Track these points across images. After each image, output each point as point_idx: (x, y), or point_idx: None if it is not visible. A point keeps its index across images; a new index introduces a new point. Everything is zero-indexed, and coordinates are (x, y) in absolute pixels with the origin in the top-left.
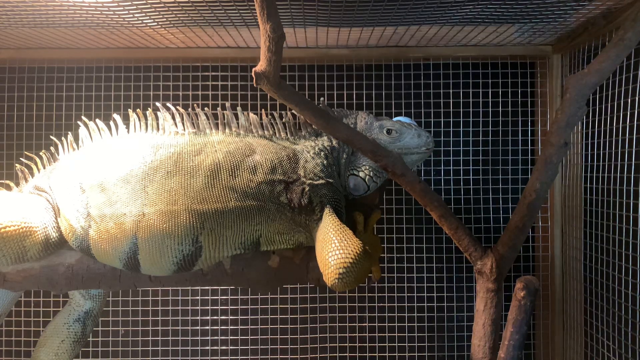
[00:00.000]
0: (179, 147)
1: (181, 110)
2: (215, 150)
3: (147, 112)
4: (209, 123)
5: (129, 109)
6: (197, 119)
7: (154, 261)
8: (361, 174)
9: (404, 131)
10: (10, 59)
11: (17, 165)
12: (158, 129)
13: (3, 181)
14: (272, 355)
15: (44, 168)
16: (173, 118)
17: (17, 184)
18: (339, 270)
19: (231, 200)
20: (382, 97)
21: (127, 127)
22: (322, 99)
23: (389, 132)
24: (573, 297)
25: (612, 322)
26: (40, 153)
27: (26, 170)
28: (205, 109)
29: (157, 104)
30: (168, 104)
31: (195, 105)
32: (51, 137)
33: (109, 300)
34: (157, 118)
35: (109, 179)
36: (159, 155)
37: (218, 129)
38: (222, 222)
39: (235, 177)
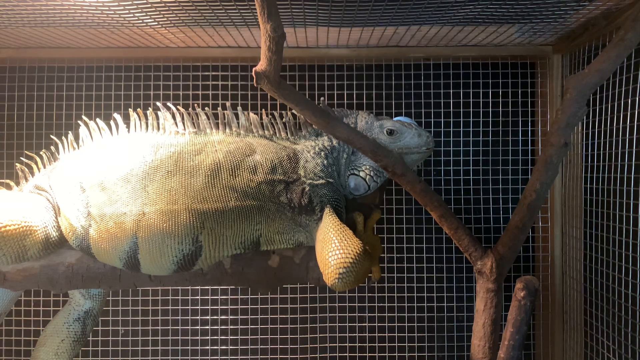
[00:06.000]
0: (180, 147)
1: (181, 109)
2: (216, 150)
3: (148, 112)
4: (209, 123)
5: (129, 109)
6: (198, 119)
7: (154, 260)
8: (362, 174)
9: (404, 131)
10: (10, 59)
11: (17, 164)
12: (158, 128)
13: (3, 180)
14: (272, 355)
15: (44, 167)
16: (173, 118)
17: (18, 184)
18: (339, 270)
19: (231, 199)
20: (382, 97)
21: (128, 127)
22: (322, 98)
23: (389, 132)
24: (573, 297)
25: (611, 323)
26: (41, 152)
27: (26, 169)
28: (206, 108)
29: (158, 103)
30: (168, 104)
31: (195, 105)
32: (51, 136)
33: (109, 300)
34: (157, 118)
35: (110, 178)
36: (160, 155)
37: (218, 128)
38: (222, 221)
39: (235, 177)
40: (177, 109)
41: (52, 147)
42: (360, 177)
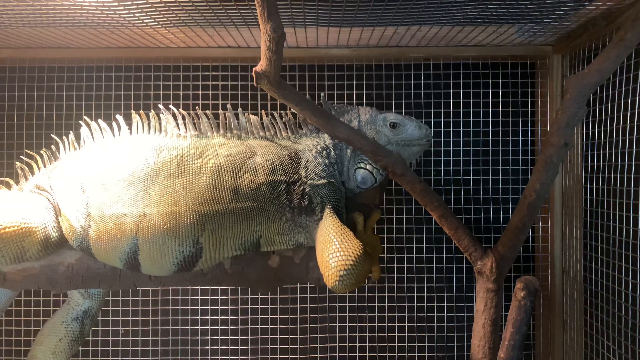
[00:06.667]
0: (182, 150)
1: (183, 112)
2: (217, 154)
3: (150, 114)
4: (211, 126)
5: (132, 110)
6: (199, 122)
7: (154, 262)
8: (368, 167)
9: (406, 123)
10: (10, 59)
11: (17, 162)
12: (160, 130)
13: (3, 179)
14: (272, 355)
15: (44, 166)
16: (175, 120)
17: (17, 182)
18: (339, 272)
19: (232, 201)
20: (382, 97)
21: (129, 128)
22: (322, 94)
23: (392, 124)
24: (573, 297)
25: (611, 323)
26: (41, 151)
27: (26, 168)
28: (207, 111)
29: (160, 105)
30: (170, 106)
31: (197, 107)
32: (52, 135)
33: (109, 300)
34: (159, 120)
35: (111, 179)
36: (162, 157)
37: (220, 131)
38: (222, 223)
39: (236, 179)
40: (179, 112)
41: (53, 147)
42: (367, 170)
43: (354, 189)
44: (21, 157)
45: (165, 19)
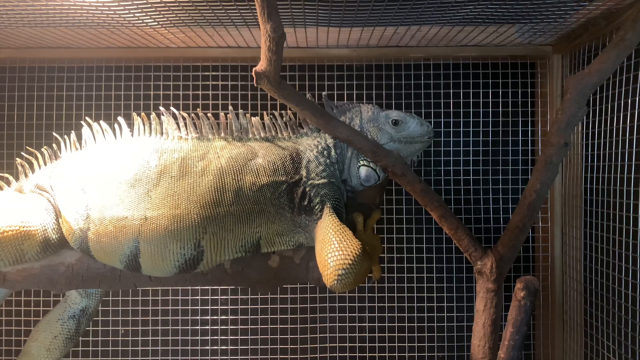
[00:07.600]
0: (183, 153)
1: (184, 114)
2: (219, 156)
3: (152, 116)
4: (212, 128)
5: (133, 112)
6: (201, 124)
7: (155, 264)
8: (372, 164)
9: (409, 120)
10: (10, 59)
11: (17, 159)
12: (162, 133)
13: (3, 174)
14: (272, 355)
15: (45, 165)
16: (176, 122)
17: (17, 179)
18: (338, 271)
19: (234, 203)
20: (383, 97)
21: (130, 128)
22: (324, 93)
23: (394, 122)
24: (573, 297)
25: (611, 323)
26: (42, 149)
27: (26, 165)
28: (209, 114)
29: (161, 108)
30: (171, 108)
31: (197, 108)
32: (54, 134)
33: (109, 300)
34: (160, 122)
35: (112, 181)
36: (163, 160)
37: (221, 134)
38: (223, 225)
39: (238, 181)
40: (180, 114)
41: (54, 145)
42: (371, 167)
43: (357, 187)
44: (22, 153)
45: (165, 19)
